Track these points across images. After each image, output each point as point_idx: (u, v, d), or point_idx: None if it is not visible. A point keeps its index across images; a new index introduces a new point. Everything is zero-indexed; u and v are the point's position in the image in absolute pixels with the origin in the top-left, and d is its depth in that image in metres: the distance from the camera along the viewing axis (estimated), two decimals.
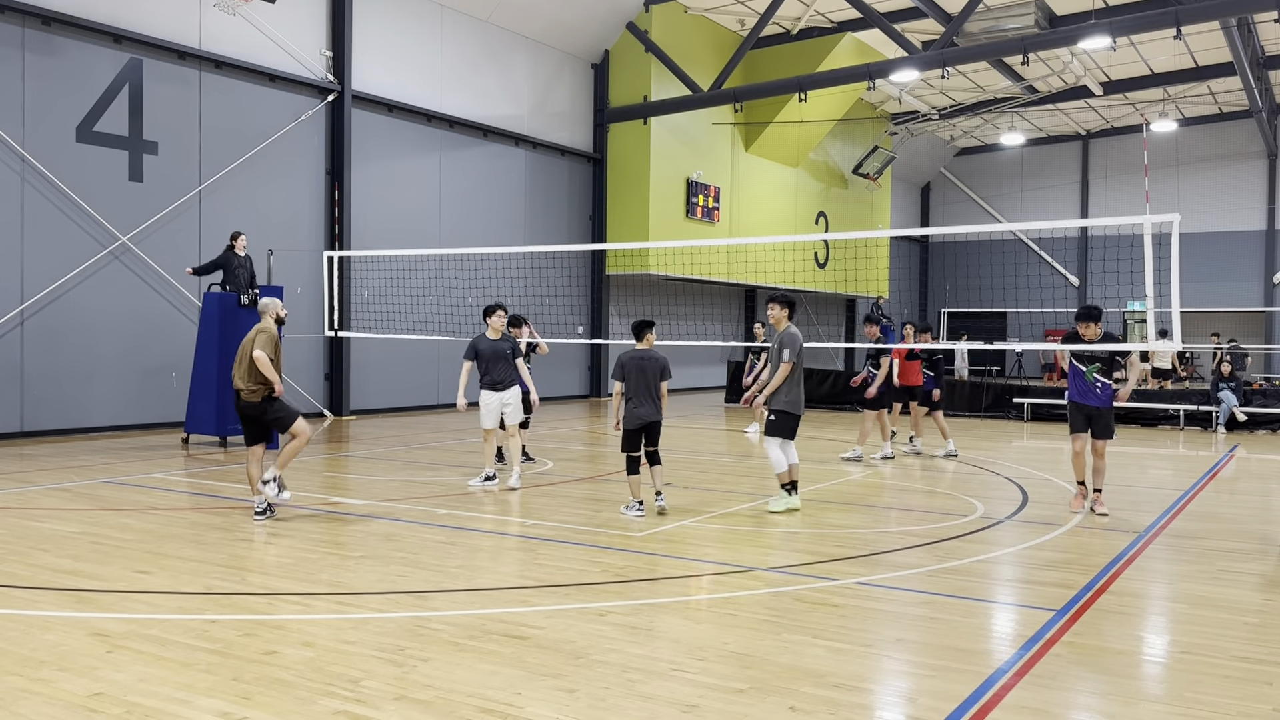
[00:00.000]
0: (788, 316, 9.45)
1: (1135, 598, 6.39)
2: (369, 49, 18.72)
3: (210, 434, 13.63)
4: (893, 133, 33.51)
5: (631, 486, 8.93)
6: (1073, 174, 36.71)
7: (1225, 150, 33.65)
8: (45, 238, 14.32)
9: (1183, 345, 11.11)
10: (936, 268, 39.49)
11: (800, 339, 9.29)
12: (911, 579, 6.69)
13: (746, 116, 25.34)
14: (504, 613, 5.77)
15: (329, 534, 8.06)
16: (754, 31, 21.97)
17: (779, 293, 9.69)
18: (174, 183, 15.82)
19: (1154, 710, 4.40)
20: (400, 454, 13.27)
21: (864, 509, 9.73)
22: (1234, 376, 18.40)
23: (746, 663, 4.93)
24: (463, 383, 10.43)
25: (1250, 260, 33.53)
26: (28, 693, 4.42)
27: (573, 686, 4.57)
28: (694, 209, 24.40)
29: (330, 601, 6.02)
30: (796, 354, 9.19)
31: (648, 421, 8.95)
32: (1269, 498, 10.86)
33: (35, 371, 14.20)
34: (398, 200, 19.49)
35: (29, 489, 9.92)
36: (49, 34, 14.30)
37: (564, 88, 23.45)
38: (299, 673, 4.70)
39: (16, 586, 6.24)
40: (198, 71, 16.13)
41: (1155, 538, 8.23)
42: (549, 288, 21.65)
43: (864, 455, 13.22)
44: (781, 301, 9.46)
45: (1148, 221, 9.58)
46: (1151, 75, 28.64)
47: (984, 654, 5.19)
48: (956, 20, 20.00)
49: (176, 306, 15.81)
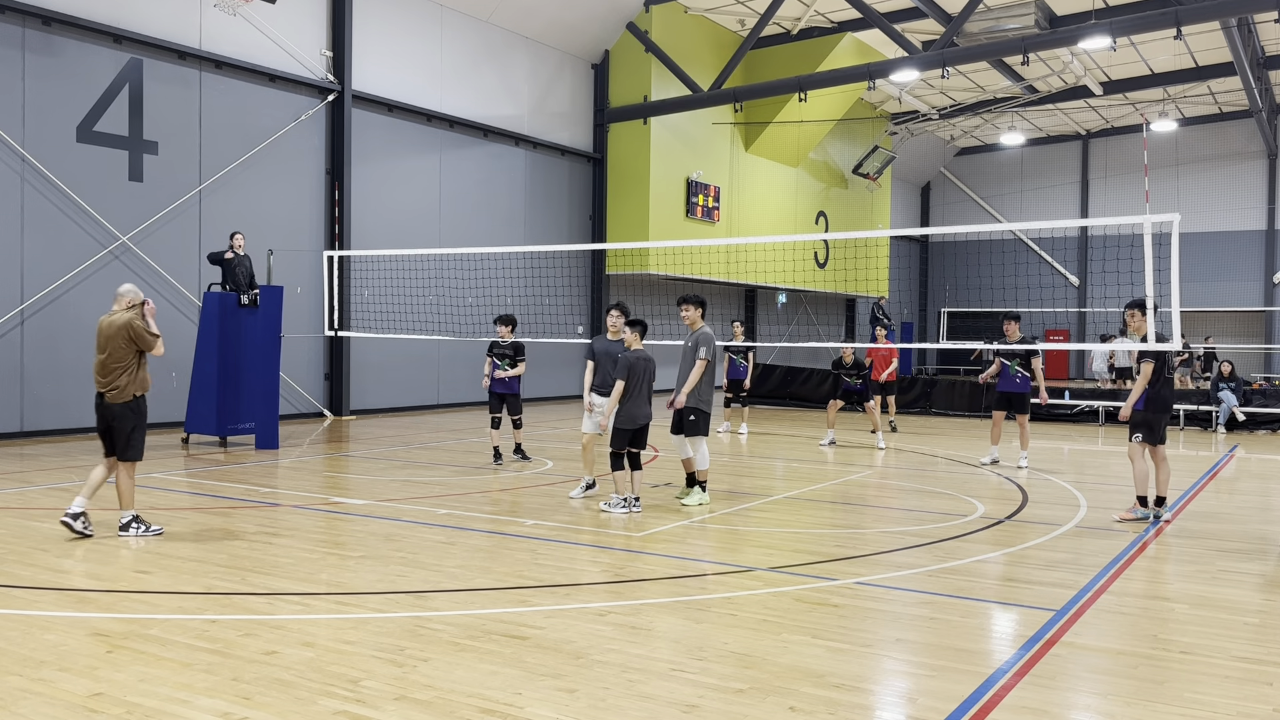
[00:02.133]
0: (700, 316, 9.52)
1: (1135, 598, 6.39)
2: (369, 49, 18.72)
3: (210, 434, 13.63)
4: (893, 133, 33.51)
5: (619, 483, 8.94)
6: (1073, 174, 36.71)
7: (1225, 150, 33.65)
8: (45, 238, 14.32)
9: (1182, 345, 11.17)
10: (936, 268, 39.49)
11: (714, 338, 9.42)
12: (911, 579, 6.69)
13: (746, 116, 25.34)
14: (504, 613, 5.77)
15: (329, 534, 8.06)
16: (754, 31, 21.97)
17: (690, 294, 9.75)
18: (174, 183, 15.82)
19: (1154, 710, 4.40)
20: (400, 454, 13.27)
21: (864, 509, 9.73)
22: (1234, 376, 18.41)
23: (746, 663, 4.93)
24: (587, 383, 9.96)
25: (1250, 260, 33.53)
26: (28, 693, 4.42)
27: (573, 686, 4.57)
28: (694, 209, 24.40)
29: (330, 601, 6.02)
30: (711, 352, 9.28)
31: (644, 423, 8.96)
32: (1269, 498, 10.86)
33: (35, 371, 14.20)
34: (398, 200, 19.50)
35: (29, 489, 9.92)
36: (49, 34, 14.30)
37: (564, 88, 23.45)
38: (299, 673, 4.70)
39: (16, 586, 6.24)
40: (198, 71, 16.13)
41: (1155, 538, 8.23)
42: (549, 288, 21.63)
43: (999, 458, 13.04)
44: (694, 301, 9.55)
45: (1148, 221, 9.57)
46: (1151, 75, 28.64)
47: (984, 654, 5.19)
48: (956, 20, 20.00)
49: (176, 306, 15.81)
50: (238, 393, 13.46)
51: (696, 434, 9.37)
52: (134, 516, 7.71)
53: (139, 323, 7.57)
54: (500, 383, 12.21)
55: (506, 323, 12.34)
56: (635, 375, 8.90)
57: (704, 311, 9.57)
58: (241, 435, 13.65)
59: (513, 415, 12.40)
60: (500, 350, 12.24)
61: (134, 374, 7.57)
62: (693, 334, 9.44)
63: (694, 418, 9.29)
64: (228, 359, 13.50)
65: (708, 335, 9.37)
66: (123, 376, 7.53)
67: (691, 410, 9.28)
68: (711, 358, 9.31)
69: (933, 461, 13.30)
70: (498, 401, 12.24)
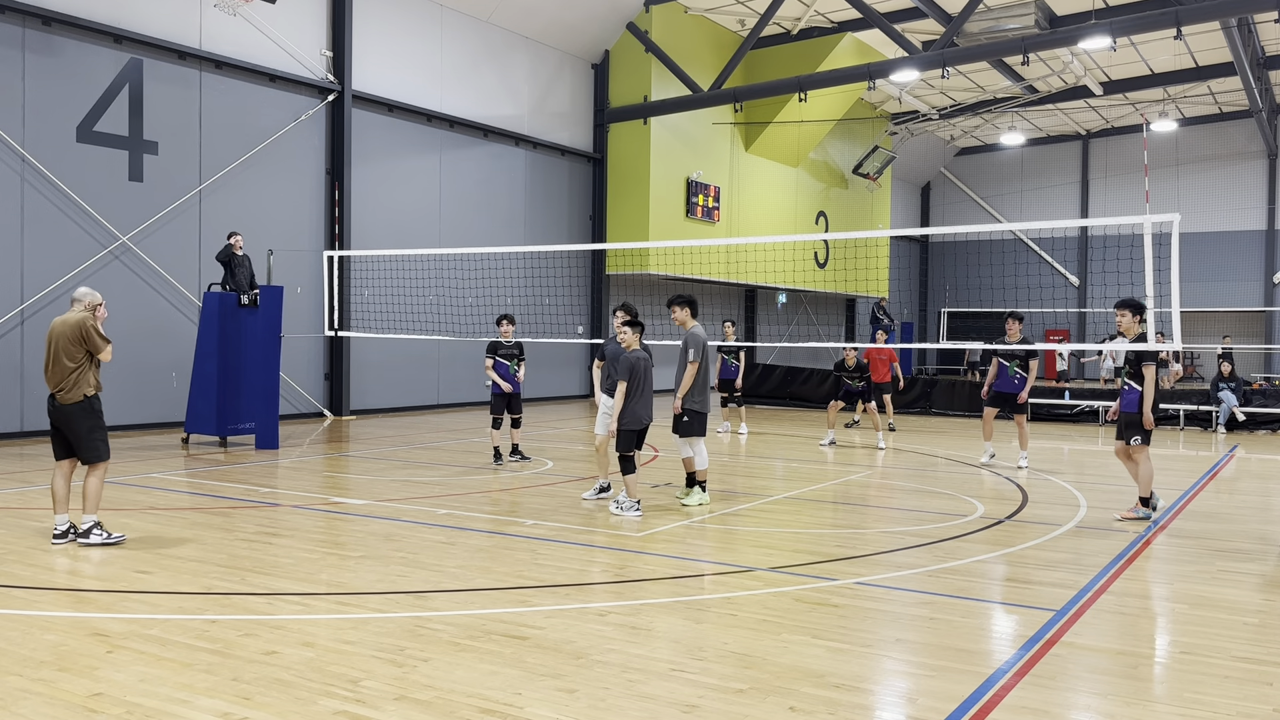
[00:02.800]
0: (690, 316, 9.47)
1: (1135, 598, 6.39)
2: (369, 49, 18.72)
3: (210, 434, 13.62)
4: (893, 133, 33.51)
5: (629, 486, 8.89)
6: (1073, 174, 36.71)
7: (1225, 150, 33.65)
8: (45, 238, 14.32)
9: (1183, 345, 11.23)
10: (936, 268, 39.49)
11: (703, 338, 9.36)
12: (911, 579, 6.68)
13: (746, 116, 25.34)
14: (504, 613, 5.77)
15: (329, 534, 8.06)
16: (754, 31, 21.97)
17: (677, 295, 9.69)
18: (174, 183, 15.82)
19: (1154, 710, 4.40)
20: (400, 454, 13.27)
21: (864, 509, 9.73)
22: (1234, 376, 18.41)
23: (746, 663, 4.93)
24: (597, 382, 9.94)
25: (1250, 260, 33.53)
26: (28, 693, 4.42)
27: (573, 686, 4.57)
28: (694, 209, 24.40)
29: (330, 601, 6.02)
30: (700, 353, 9.24)
31: (648, 423, 8.95)
32: (1269, 498, 10.86)
33: (35, 371, 14.19)
34: (398, 200, 19.50)
35: (29, 489, 9.92)
36: (49, 34, 14.30)
37: (564, 88, 23.45)
38: (299, 673, 4.70)
39: (16, 586, 6.24)
40: (198, 71, 16.13)
41: (1155, 538, 8.23)
42: (549, 288, 21.64)
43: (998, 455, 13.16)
44: (680, 302, 9.48)
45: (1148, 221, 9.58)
46: (1151, 75, 28.64)
47: (984, 654, 5.19)
48: (956, 20, 20.00)
49: (176, 306, 15.82)
50: (238, 393, 13.46)
51: (691, 434, 9.36)
52: (96, 523, 7.44)
53: (91, 324, 7.51)
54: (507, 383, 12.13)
55: (512, 321, 12.30)
56: (637, 375, 8.88)
57: (694, 310, 9.49)
58: (241, 435, 13.65)
59: (515, 414, 12.36)
60: (507, 351, 12.15)
61: (83, 374, 7.45)
62: (683, 335, 9.44)
63: (687, 419, 9.28)
64: (228, 359, 13.49)
65: (695, 336, 9.32)
66: (71, 376, 7.40)
67: (685, 411, 9.27)
68: (701, 359, 9.25)
69: (933, 461, 13.30)
70: (502, 402, 12.18)
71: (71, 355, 7.42)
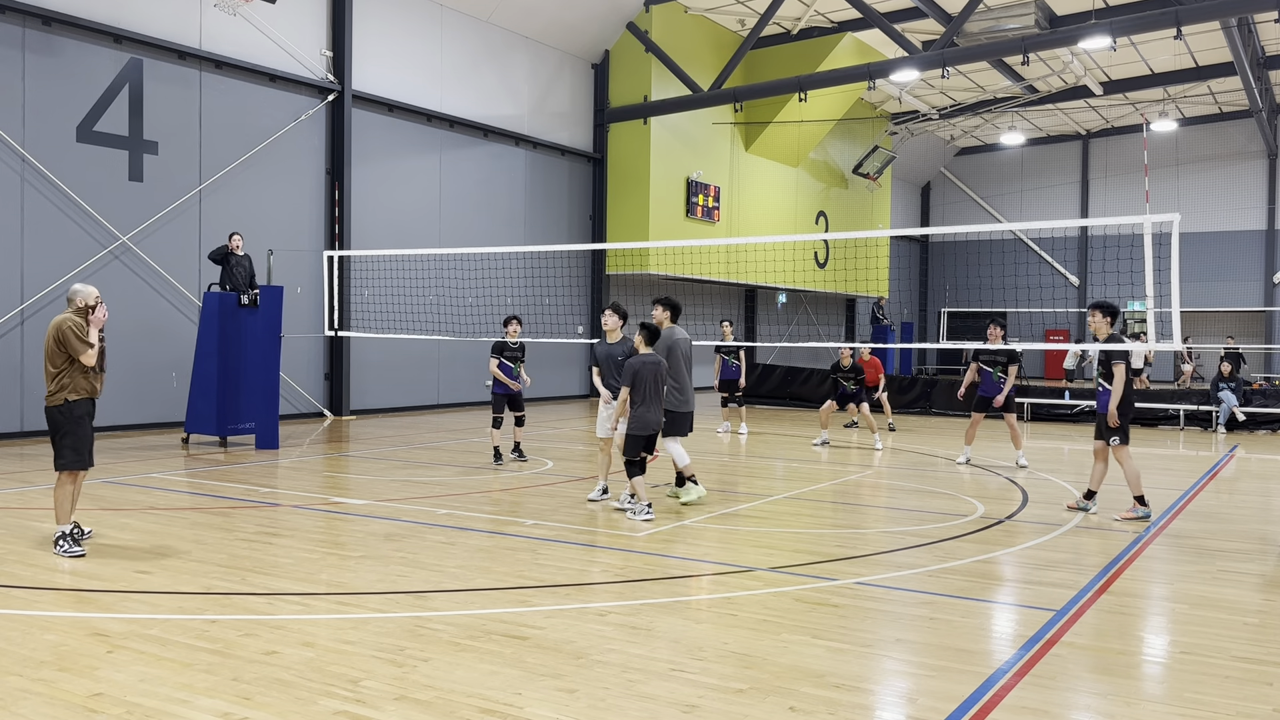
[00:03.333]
0: (670, 319, 9.51)
1: (1135, 598, 6.39)
2: (369, 49, 18.72)
3: (210, 434, 13.62)
4: (893, 132, 33.51)
5: (638, 489, 8.81)
6: (1073, 174, 36.71)
7: (1225, 150, 33.66)
8: (45, 238, 14.32)
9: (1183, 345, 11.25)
10: (936, 268, 39.49)
11: (676, 340, 9.43)
12: (911, 579, 6.69)
13: (746, 116, 25.34)
14: (504, 613, 5.77)
15: (329, 534, 8.06)
16: (754, 31, 21.97)
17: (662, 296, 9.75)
18: (174, 183, 15.82)
19: (1154, 710, 4.41)
20: (400, 454, 13.27)
21: (864, 509, 9.73)
22: (1234, 376, 18.41)
23: (746, 663, 4.93)
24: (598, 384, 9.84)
25: (1250, 260, 33.53)
26: (28, 693, 4.42)
27: (573, 686, 4.57)
28: (694, 209, 24.40)
29: (330, 601, 6.02)
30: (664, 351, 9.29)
31: (657, 429, 8.91)
32: (1269, 498, 10.86)
33: (35, 371, 14.18)
34: (398, 200, 19.50)
35: (29, 489, 9.92)
36: (49, 34, 14.30)
37: (564, 88, 23.45)
38: (299, 673, 4.70)
39: (16, 586, 6.24)
40: (198, 71, 16.13)
41: (1155, 538, 8.23)
42: (549, 288, 21.63)
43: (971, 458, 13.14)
44: (663, 304, 9.54)
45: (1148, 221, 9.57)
46: (1151, 75, 28.64)
47: (984, 654, 5.19)
48: (956, 20, 20.00)
49: (176, 306, 15.81)
50: (238, 393, 13.46)
51: (669, 434, 9.45)
52: (62, 533, 7.07)
53: (69, 325, 7.12)
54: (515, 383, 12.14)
55: (520, 322, 12.30)
56: (641, 380, 8.77)
57: (675, 314, 9.53)
58: (241, 435, 13.65)
59: (518, 413, 12.39)
60: (513, 352, 12.16)
61: (66, 377, 7.12)
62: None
63: (664, 419, 9.31)
64: (228, 359, 13.49)
65: (666, 339, 9.37)
66: (55, 379, 7.12)
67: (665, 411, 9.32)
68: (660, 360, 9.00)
69: (932, 461, 13.30)
70: (504, 401, 12.19)
71: (53, 358, 7.11)
